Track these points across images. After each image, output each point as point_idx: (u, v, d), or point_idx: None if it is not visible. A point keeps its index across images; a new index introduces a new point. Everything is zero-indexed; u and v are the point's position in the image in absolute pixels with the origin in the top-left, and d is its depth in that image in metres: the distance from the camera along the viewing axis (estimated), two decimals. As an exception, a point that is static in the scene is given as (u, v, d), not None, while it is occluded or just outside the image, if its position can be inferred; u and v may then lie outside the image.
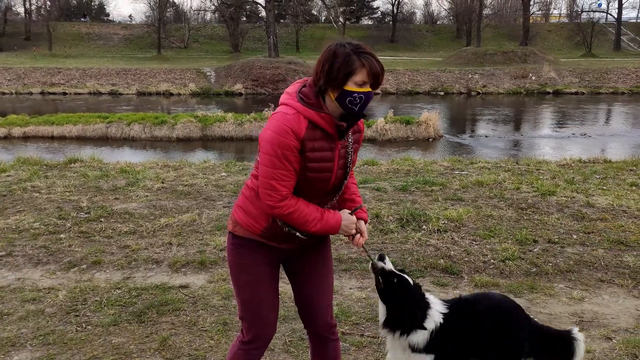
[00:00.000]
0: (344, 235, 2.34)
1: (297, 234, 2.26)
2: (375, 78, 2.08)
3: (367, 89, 2.09)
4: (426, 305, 2.43)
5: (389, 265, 2.38)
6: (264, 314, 2.38)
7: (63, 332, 3.52)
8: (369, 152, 15.38)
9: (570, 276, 4.36)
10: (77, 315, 3.73)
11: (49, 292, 4.09)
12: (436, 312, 2.44)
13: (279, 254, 2.37)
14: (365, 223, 2.38)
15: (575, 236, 5.15)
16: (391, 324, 2.39)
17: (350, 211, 2.32)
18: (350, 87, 2.07)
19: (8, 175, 7.86)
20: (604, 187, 6.92)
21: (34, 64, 41.79)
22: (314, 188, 2.22)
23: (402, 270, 2.45)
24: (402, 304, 2.37)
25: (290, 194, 2.16)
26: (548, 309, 3.82)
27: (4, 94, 35.61)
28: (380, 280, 2.36)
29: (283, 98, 2.19)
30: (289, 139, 2.06)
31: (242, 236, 2.32)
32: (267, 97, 33.39)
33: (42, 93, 36.13)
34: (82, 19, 64.63)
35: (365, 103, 2.11)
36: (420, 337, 2.38)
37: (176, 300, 3.94)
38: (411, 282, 2.41)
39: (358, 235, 2.32)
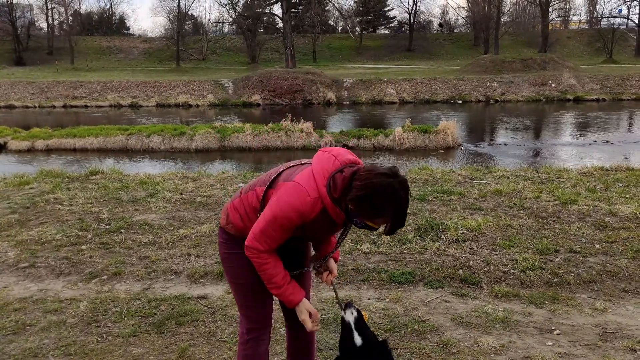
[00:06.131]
0: (315, 276, 2.57)
1: None
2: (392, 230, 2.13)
3: (377, 226, 2.14)
4: None
5: (348, 316, 2.29)
6: (256, 295, 2.47)
7: (84, 342, 3.56)
8: (387, 161, 15.33)
9: (593, 286, 4.28)
10: (97, 326, 3.78)
11: (70, 303, 4.15)
12: None
13: None
14: (336, 262, 2.55)
15: (597, 245, 5.06)
16: None
17: (306, 300, 2.40)
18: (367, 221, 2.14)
19: (31, 188, 8.01)
20: (627, 196, 6.79)
21: (57, 77, 42.63)
22: (304, 238, 2.49)
23: (362, 329, 2.27)
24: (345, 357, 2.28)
25: (270, 251, 2.27)
26: (570, 320, 3.76)
27: (27, 107, 36.37)
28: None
29: (316, 169, 2.21)
30: (295, 217, 2.18)
31: (233, 234, 2.46)
32: (284, 107, 33.67)
33: (64, 106, 36.79)
34: None
35: (367, 228, 2.19)
36: None
37: (195, 311, 3.96)
38: (359, 342, 2.23)
39: (326, 273, 2.49)
